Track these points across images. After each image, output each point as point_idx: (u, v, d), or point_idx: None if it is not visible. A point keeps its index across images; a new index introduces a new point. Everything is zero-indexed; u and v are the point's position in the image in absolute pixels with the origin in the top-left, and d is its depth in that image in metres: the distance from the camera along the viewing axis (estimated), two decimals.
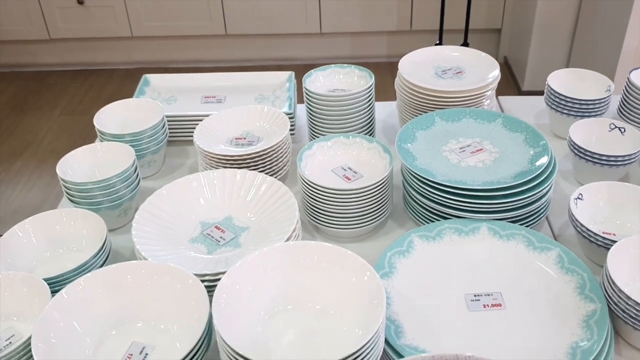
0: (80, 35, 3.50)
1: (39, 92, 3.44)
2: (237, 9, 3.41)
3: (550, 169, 1.04)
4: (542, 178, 1.02)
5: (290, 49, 3.58)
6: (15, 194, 2.66)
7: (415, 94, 1.23)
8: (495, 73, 1.25)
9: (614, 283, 0.86)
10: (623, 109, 1.33)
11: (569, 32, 3.04)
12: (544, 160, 1.04)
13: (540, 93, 1.42)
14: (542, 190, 1.02)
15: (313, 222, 1.10)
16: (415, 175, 1.04)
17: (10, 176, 2.77)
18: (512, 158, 1.08)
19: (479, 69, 1.29)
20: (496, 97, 1.51)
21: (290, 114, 1.31)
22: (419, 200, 1.06)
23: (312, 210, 1.08)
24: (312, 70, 1.28)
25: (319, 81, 1.29)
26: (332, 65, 1.30)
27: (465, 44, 2.57)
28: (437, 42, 3.23)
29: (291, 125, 1.31)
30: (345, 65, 1.30)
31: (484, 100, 1.24)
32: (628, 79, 1.32)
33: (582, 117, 1.28)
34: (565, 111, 1.30)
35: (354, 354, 0.71)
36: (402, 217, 1.15)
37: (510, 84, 3.34)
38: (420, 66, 1.31)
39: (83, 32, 3.48)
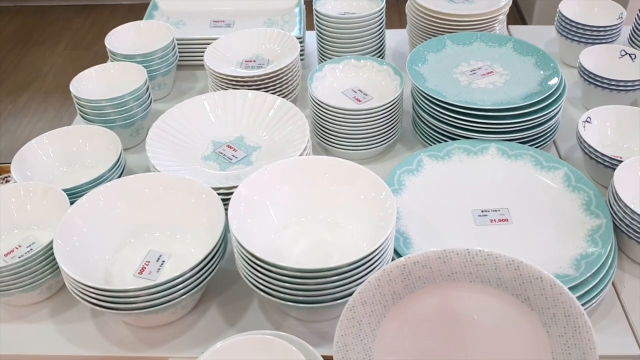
0: None
1: (42, 27, 3.40)
2: None
3: (560, 91, 1.04)
4: (552, 100, 1.02)
5: None
6: (22, 127, 2.67)
7: (427, 17, 1.22)
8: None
9: (619, 199, 0.87)
10: (634, 36, 1.32)
11: None
12: (553, 81, 1.05)
13: None
14: (551, 111, 1.02)
15: (323, 144, 1.11)
16: (426, 96, 1.05)
17: (17, 109, 2.77)
18: (523, 80, 1.08)
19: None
20: (507, 26, 1.50)
21: (300, 38, 1.30)
22: (429, 122, 1.07)
23: (322, 132, 1.09)
24: None
25: (329, 4, 1.27)
26: None
27: None
28: None
29: (301, 50, 1.31)
30: None
31: (495, 25, 1.23)
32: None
33: (593, 44, 1.27)
34: (577, 38, 1.29)
35: (363, 258, 0.73)
36: (412, 141, 1.15)
37: (518, 22, 3.29)
38: None
39: None
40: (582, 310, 0.58)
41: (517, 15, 3.34)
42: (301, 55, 1.32)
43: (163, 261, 0.86)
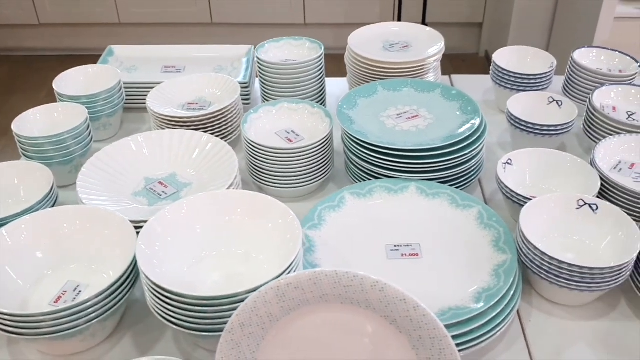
0: (68, 20, 3.54)
1: (26, 75, 3.49)
2: None
3: (478, 134, 1.08)
4: (469, 142, 1.06)
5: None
6: None
7: (362, 65, 1.28)
8: (437, 47, 1.30)
9: (524, 235, 0.90)
10: (567, 86, 1.38)
11: (547, 27, 3.09)
12: (472, 123, 1.09)
13: None
14: (469, 153, 1.06)
15: (257, 183, 1.14)
16: (351, 137, 1.09)
17: None
18: (445, 124, 1.12)
19: (425, 43, 1.33)
20: (449, 76, 1.56)
21: (245, 83, 1.36)
22: (356, 162, 1.11)
23: (256, 171, 1.13)
24: (265, 42, 1.33)
25: (272, 52, 1.33)
26: (285, 37, 1.35)
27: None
28: None
29: (247, 95, 1.36)
30: (297, 37, 1.35)
31: (427, 72, 1.29)
32: (572, 57, 1.36)
33: (525, 91, 1.33)
34: (509, 86, 1.34)
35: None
36: (343, 181, 1.19)
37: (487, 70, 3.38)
38: (370, 41, 1.36)
39: (71, 17, 3.53)
40: (445, 333, 0.61)
41: (486, 63, 3.44)
42: (247, 99, 1.37)
43: (80, 291, 0.88)
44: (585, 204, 0.97)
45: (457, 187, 1.09)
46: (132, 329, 0.90)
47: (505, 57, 1.40)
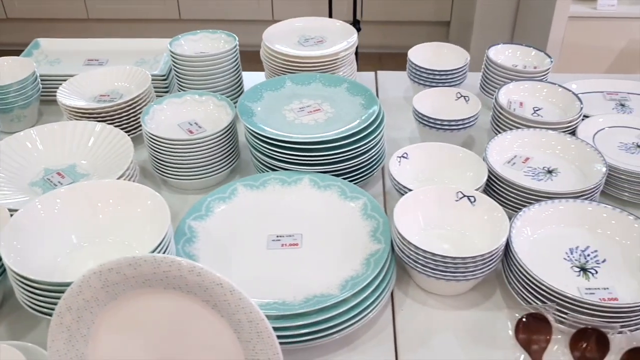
0: (36, 15, 3.54)
1: None
2: None
3: (372, 127, 1.09)
4: (362, 135, 1.08)
5: (243, 36, 3.63)
6: None
7: (274, 59, 1.29)
8: (348, 43, 1.31)
9: (397, 228, 0.91)
10: (483, 82, 1.40)
11: (509, 25, 3.11)
12: (365, 118, 1.10)
13: None
14: (362, 145, 1.07)
15: (160, 175, 1.15)
16: (249, 130, 1.10)
17: None
18: (344, 117, 1.13)
19: (341, 38, 1.35)
20: (375, 72, 1.58)
21: (163, 75, 1.36)
22: (255, 155, 1.12)
23: (157, 163, 1.14)
24: (181, 35, 1.34)
25: (187, 44, 1.34)
26: (203, 30, 1.36)
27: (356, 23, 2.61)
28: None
29: (165, 88, 1.37)
30: (214, 30, 1.36)
31: (339, 67, 1.30)
32: (486, 54, 1.38)
33: (439, 87, 1.34)
34: (422, 82, 1.36)
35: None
36: (252, 174, 1.20)
37: None
38: (286, 35, 1.37)
39: (39, 12, 3.53)
40: (262, 316, 0.62)
41: None
42: (166, 92, 1.38)
43: None
44: (464, 196, 0.98)
45: (357, 179, 1.10)
46: (7, 318, 0.91)
47: (421, 54, 1.41)
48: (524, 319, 0.85)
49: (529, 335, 0.84)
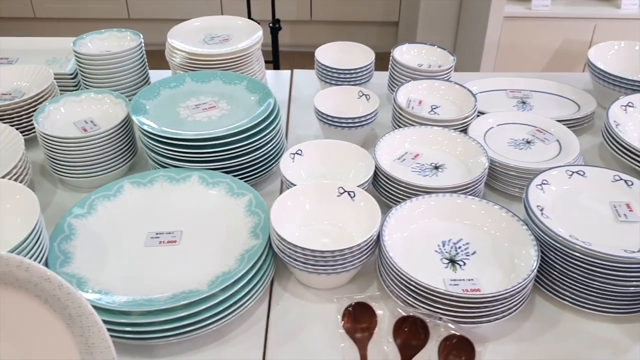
0: None
1: None
2: None
3: (262, 126, 1.10)
4: (252, 132, 1.08)
5: None
6: None
7: (176, 57, 1.29)
8: (252, 40, 1.32)
9: (271, 222, 0.92)
10: (390, 82, 1.42)
11: (453, 25, 3.14)
12: (257, 116, 1.11)
13: None
14: (253, 142, 1.08)
15: (56, 174, 1.15)
16: (139, 127, 1.10)
17: None
18: (237, 115, 1.14)
19: (246, 36, 1.35)
20: (291, 70, 1.59)
21: (72, 74, 1.36)
22: (147, 152, 1.13)
23: (51, 162, 1.13)
24: (86, 34, 1.33)
25: (94, 43, 1.34)
26: (109, 29, 1.36)
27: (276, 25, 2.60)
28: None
29: (75, 87, 1.36)
30: (121, 29, 1.36)
31: (245, 64, 1.31)
32: (392, 55, 1.40)
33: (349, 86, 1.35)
34: (328, 80, 1.37)
35: None
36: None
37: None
38: (191, 34, 1.37)
39: None
40: (91, 310, 0.63)
41: None
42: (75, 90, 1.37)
43: None
44: (345, 191, 1.00)
45: (253, 176, 1.12)
46: None
47: (330, 53, 1.42)
48: (350, 308, 0.87)
49: (354, 324, 0.86)
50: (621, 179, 1.02)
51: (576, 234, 0.91)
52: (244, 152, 1.09)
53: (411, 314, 0.85)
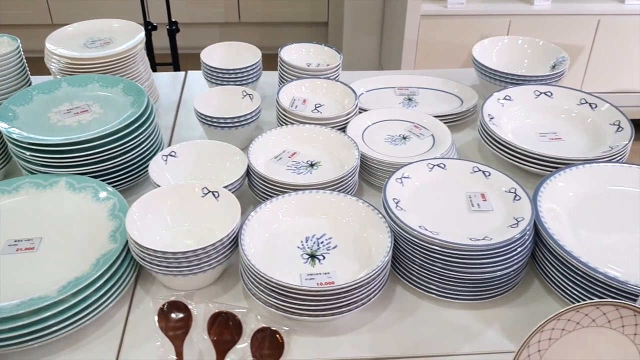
0: None
1: None
2: None
3: (131, 128, 1.09)
4: (119, 135, 1.07)
5: None
6: None
7: (54, 63, 1.28)
8: (133, 43, 1.31)
9: (126, 227, 0.92)
10: (280, 82, 1.43)
11: (378, 25, 3.18)
12: (124, 120, 1.10)
13: None
14: (121, 146, 1.08)
15: None
16: (5, 135, 1.08)
17: None
18: (108, 119, 1.13)
19: (128, 39, 1.34)
20: (185, 72, 1.59)
21: None
22: (16, 159, 1.10)
23: None
24: None
25: None
26: None
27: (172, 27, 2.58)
28: None
29: None
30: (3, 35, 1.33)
31: (126, 67, 1.29)
32: (279, 55, 1.41)
33: (235, 85, 1.35)
34: (214, 80, 1.37)
35: None
36: None
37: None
38: (71, 39, 1.35)
39: None
40: None
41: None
42: None
43: None
44: (209, 191, 1.00)
45: (127, 179, 1.11)
46: None
47: (218, 53, 1.43)
48: (164, 308, 0.88)
49: (167, 322, 0.87)
50: (480, 170, 1.04)
51: (427, 225, 0.93)
52: (112, 155, 1.08)
53: (223, 309, 0.86)
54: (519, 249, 0.90)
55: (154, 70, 2.55)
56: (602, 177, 1.06)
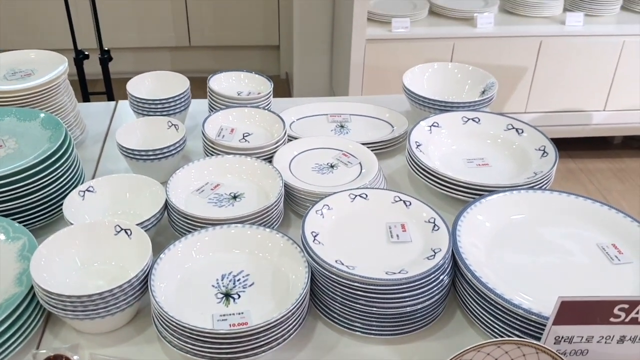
0: None
1: None
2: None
3: (44, 165, 1.05)
4: (25, 175, 1.03)
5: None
6: None
7: None
8: (55, 72, 1.27)
9: (30, 270, 0.88)
10: (210, 111, 1.40)
11: (328, 49, 3.18)
12: (38, 156, 1.06)
13: None
14: (32, 184, 1.03)
15: None
16: None
17: None
18: (23, 155, 1.08)
19: (52, 69, 1.30)
20: (116, 102, 1.55)
21: None
22: None
23: None
24: None
25: None
26: None
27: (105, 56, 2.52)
28: None
29: None
30: None
31: (47, 99, 1.25)
32: (208, 84, 1.38)
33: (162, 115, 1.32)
34: (143, 112, 1.34)
35: None
36: None
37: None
38: None
39: None
40: None
41: (286, 85, 3.49)
42: None
43: None
44: (122, 229, 0.96)
45: (44, 216, 1.07)
46: None
47: (145, 84, 1.39)
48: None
49: None
50: (400, 200, 1.03)
51: (345, 258, 0.91)
52: (25, 192, 1.03)
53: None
54: (434, 282, 0.88)
55: (87, 99, 2.50)
56: (523, 204, 1.06)
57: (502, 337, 0.87)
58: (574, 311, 0.74)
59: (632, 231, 1.00)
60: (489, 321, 0.88)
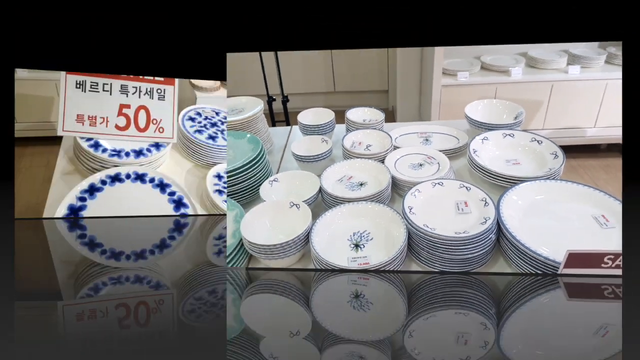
0: None
1: None
2: None
3: (249, 165, 1.09)
4: (236, 172, 1.07)
5: None
6: None
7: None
8: (254, 111, 1.32)
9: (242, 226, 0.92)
10: (346, 130, 1.38)
11: (417, 90, 3.04)
12: (247, 160, 1.10)
13: None
14: (238, 176, 1.07)
15: None
16: None
17: None
18: (236, 159, 1.14)
19: (252, 108, 1.35)
20: (291, 126, 1.57)
21: None
22: None
23: None
24: None
25: None
26: None
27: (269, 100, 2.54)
28: None
29: None
30: None
31: (253, 125, 1.31)
32: (346, 115, 1.36)
33: None
34: (308, 132, 1.35)
35: None
36: None
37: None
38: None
39: None
40: None
41: (392, 118, 3.40)
42: None
43: None
44: (294, 204, 0.98)
45: (246, 197, 1.11)
46: None
47: (308, 115, 1.40)
48: None
49: None
50: (464, 186, 0.96)
51: (429, 223, 0.86)
52: (238, 182, 1.08)
53: None
54: (486, 239, 0.80)
55: (273, 125, 2.60)
56: (542, 189, 0.96)
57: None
58: (577, 259, 0.74)
59: (614, 206, 0.90)
60: (520, 264, 0.80)
